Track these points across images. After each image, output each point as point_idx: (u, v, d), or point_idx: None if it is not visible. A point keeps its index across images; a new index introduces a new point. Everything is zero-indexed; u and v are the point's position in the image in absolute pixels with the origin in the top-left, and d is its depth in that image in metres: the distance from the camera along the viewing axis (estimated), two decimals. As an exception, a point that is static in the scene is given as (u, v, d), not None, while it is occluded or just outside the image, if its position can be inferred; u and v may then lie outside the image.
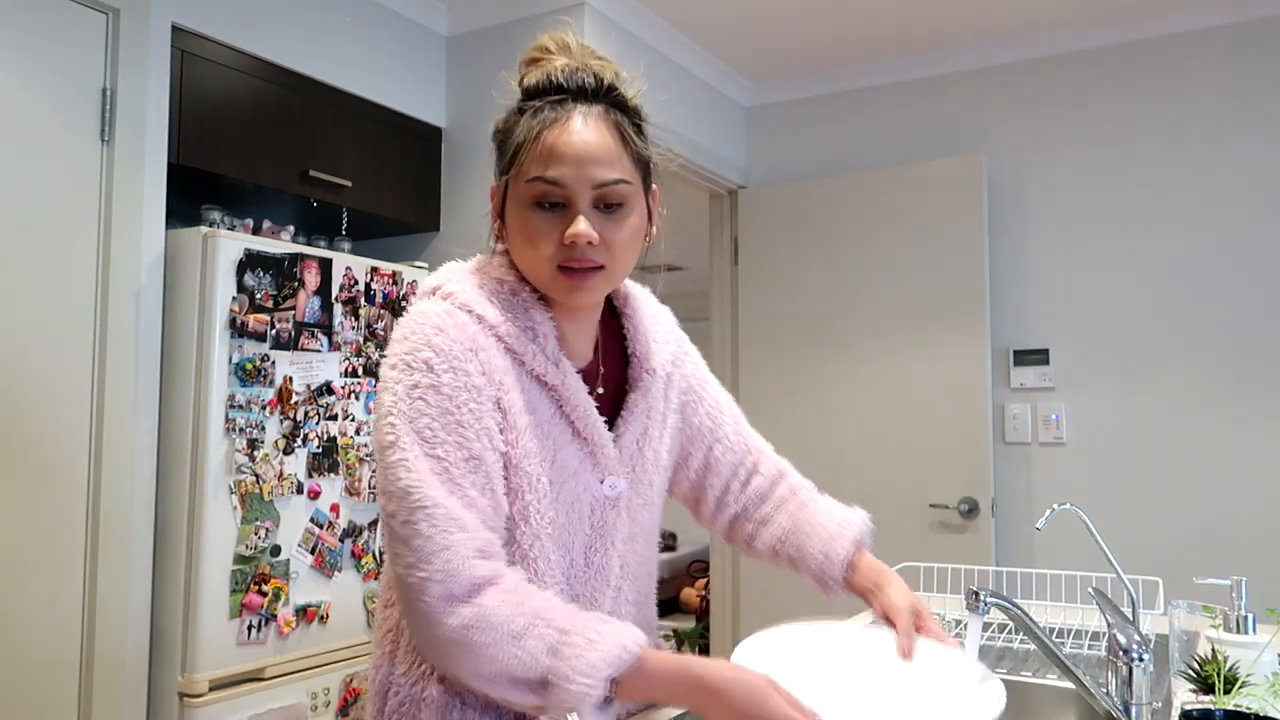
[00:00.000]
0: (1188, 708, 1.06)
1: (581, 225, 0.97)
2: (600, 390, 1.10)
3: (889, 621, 1.12)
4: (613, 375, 1.13)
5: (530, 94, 1.03)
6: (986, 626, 1.75)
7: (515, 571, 0.96)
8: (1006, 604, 1.09)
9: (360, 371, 2.48)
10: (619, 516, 1.09)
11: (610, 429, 1.09)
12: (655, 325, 1.19)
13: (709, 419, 1.26)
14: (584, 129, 0.99)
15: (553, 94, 1.01)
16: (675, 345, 1.22)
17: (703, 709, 0.90)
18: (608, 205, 1.00)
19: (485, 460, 0.96)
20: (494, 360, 0.99)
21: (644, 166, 1.05)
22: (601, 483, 1.07)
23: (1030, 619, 1.12)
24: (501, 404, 0.99)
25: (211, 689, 2.13)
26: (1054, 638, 1.51)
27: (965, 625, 1.72)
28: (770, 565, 1.31)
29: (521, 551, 1.01)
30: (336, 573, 2.41)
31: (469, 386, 0.97)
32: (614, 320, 1.17)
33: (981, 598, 1.06)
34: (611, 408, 1.11)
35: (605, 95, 1.02)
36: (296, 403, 2.31)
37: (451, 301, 1.01)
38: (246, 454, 2.20)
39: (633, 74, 1.06)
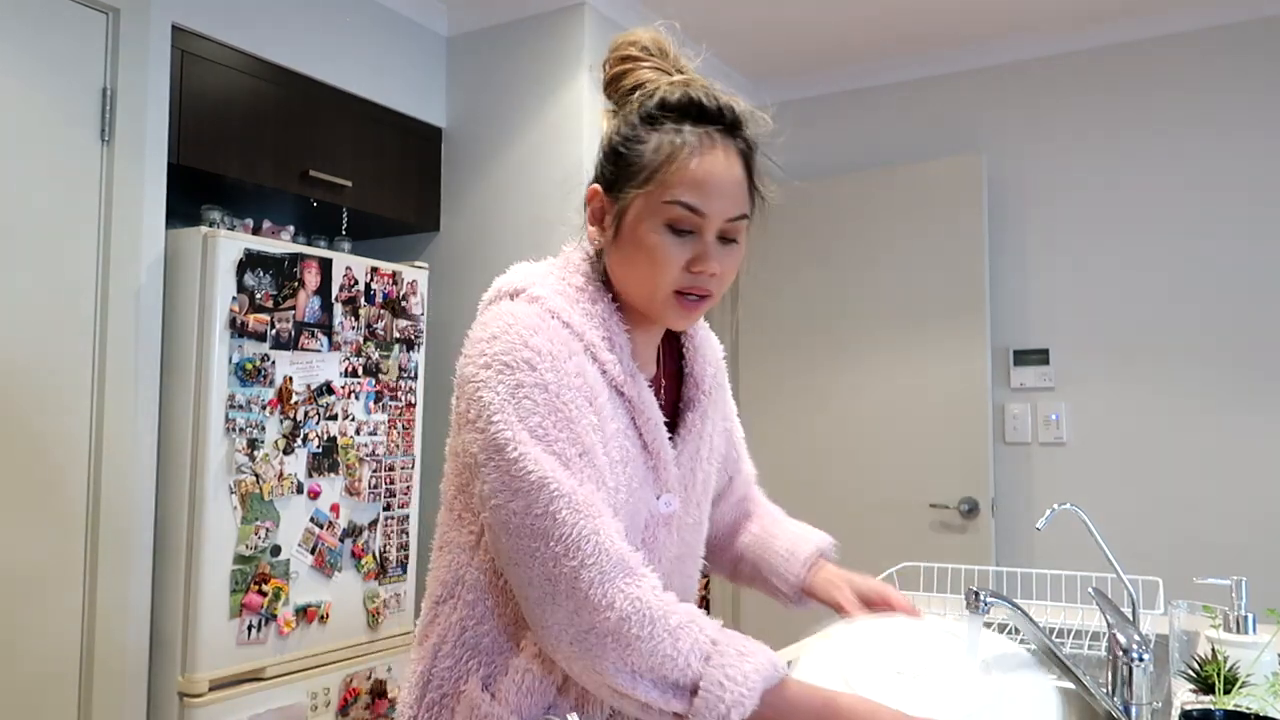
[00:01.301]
0: (1188, 708, 1.06)
1: (713, 258, 0.99)
2: (662, 400, 1.11)
3: (869, 606, 1.17)
4: (668, 391, 1.15)
5: (668, 110, 1.01)
6: (986, 626, 1.74)
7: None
8: (1006, 604, 1.09)
9: (360, 371, 2.48)
10: (669, 535, 1.08)
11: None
12: (710, 350, 1.20)
13: (734, 450, 1.31)
14: (728, 164, 1.00)
15: (693, 116, 1.01)
16: (723, 371, 1.25)
17: None
18: (726, 238, 1.01)
19: (595, 454, 0.96)
20: (585, 367, 0.99)
21: (754, 201, 1.06)
22: (658, 498, 1.06)
23: (1030, 619, 1.12)
24: (594, 407, 0.98)
25: (211, 689, 2.13)
26: (1054, 638, 1.51)
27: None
28: (729, 579, 1.37)
29: None
30: (336, 573, 2.41)
31: (572, 385, 0.96)
32: (672, 337, 1.17)
33: (981, 598, 1.06)
34: (668, 425, 1.10)
35: (737, 128, 1.03)
36: (296, 403, 2.31)
37: (540, 305, 1.00)
38: (246, 454, 2.20)
39: (759, 110, 1.06)
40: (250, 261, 2.22)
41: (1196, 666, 1.24)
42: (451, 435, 1.02)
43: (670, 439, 1.07)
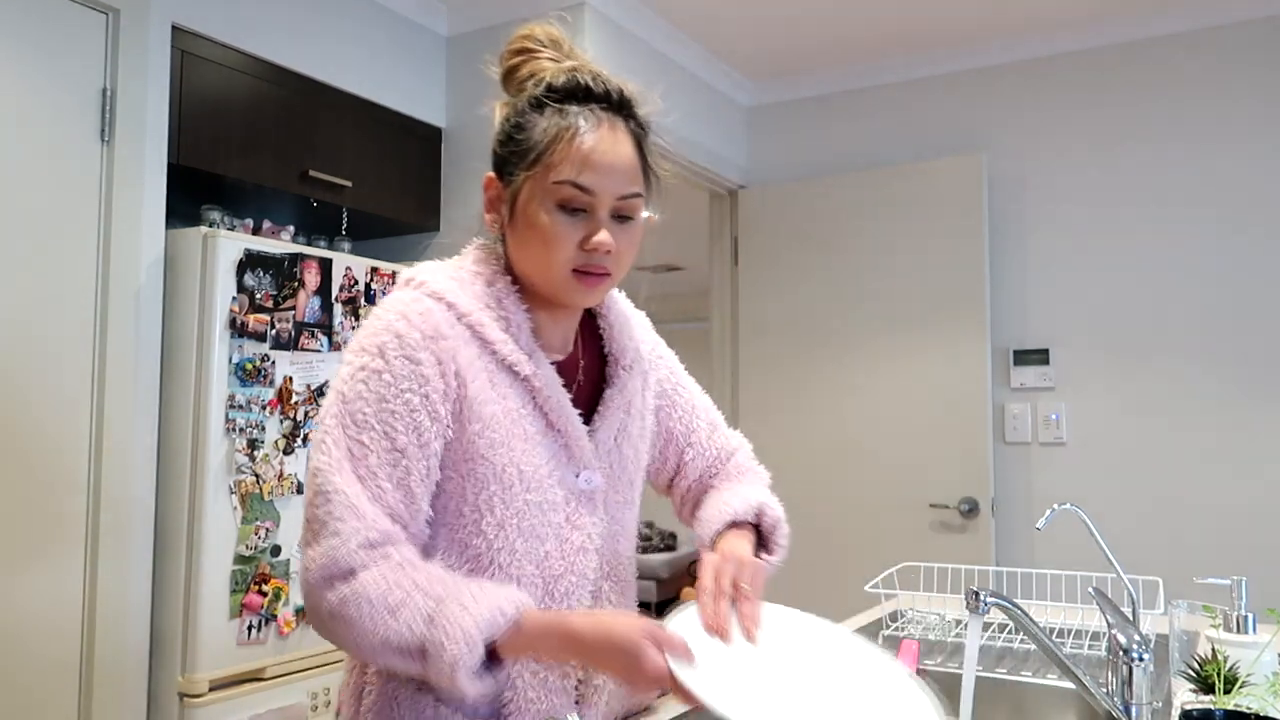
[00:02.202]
0: (1188, 708, 1.06)
1: (605, 235, 1.00)
2: (580, 380, 1.12)
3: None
4: (591, 372, 1.14)
5: (553, 92, 1.03)
6: (986, 626, 1.75)
7: (406, 548, 0.96)
8: (1006, 604, 1.09)
9: (360, 371, 2.48)
10: (595, 511, 1.09)
11: (587, 424, 1.09)
12: (632, 326, 1.20)
13: (682, 424, 1.26)
14: (616, 141, 1.01)
15: (579, 97, 1.02)
16: (650, 346, 1.23)
17: (582, 661, 0.96)
18: (622, 216, 1.03)
19: (408, 454, 0.97)
20: (459, 350, 0.99)
21: (649, 181, 1.07)
22: (577, 476, 1.07)
23: (1030, 619, 1.12)
24: (464, 394, 0.99)
25: (211, 689, 2.13)
26: (1054, 638, 1.51)
27: (965, 625, 1.72)
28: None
29: (487, 541, 1.02)
30: (336, 573, 2.40)
31: (415, 376, 0.97)
32: (591, 319, 1.18)
33: (981, 598, 1.06)
34: (590, 403, 1.12)
35: (627, 108, 1.05)
36: (296, 403, 2.31)
37: (422, 290, 1.02)
38: (246, 454, 2.20)
39: (645, 90, 1.09)
40: (250, 261, 2.22)
41: (1196, 666, 1.24)
42: None
43: (588, 415, 1.09)
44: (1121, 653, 1.17)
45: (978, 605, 1.06)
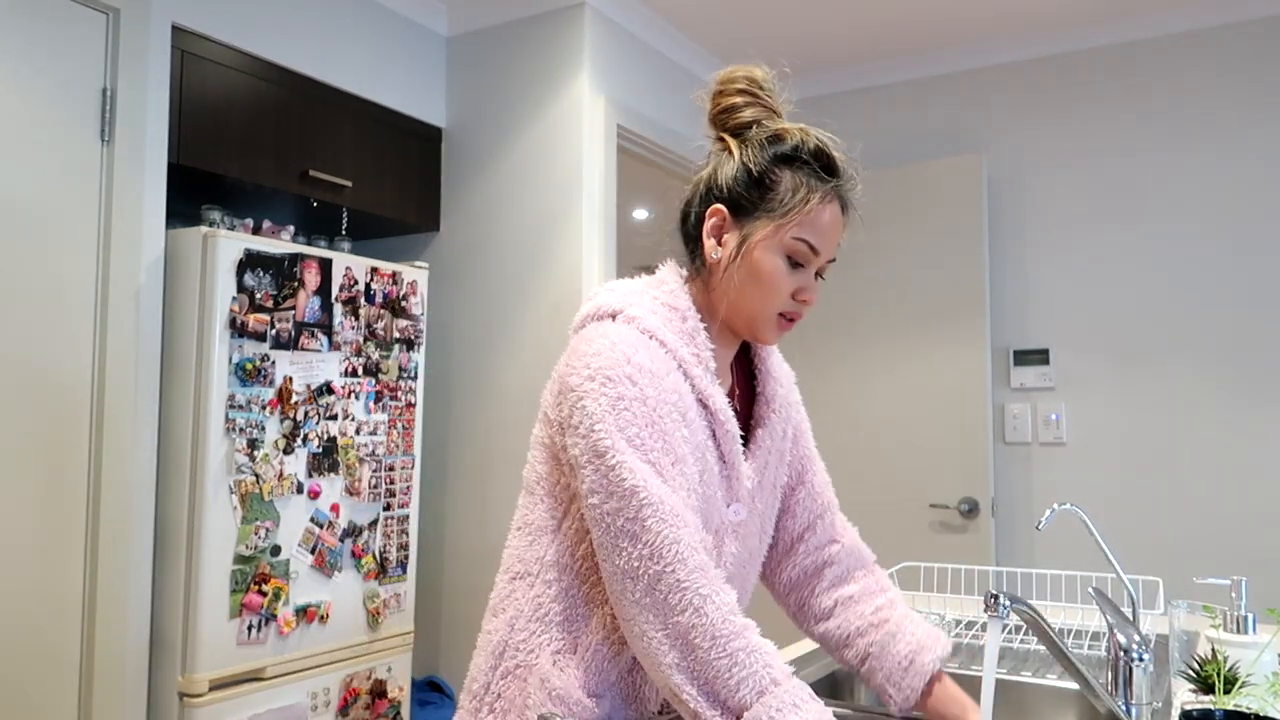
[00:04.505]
0: (1188, 708, 1.06)
1: (816, 290, 1.15)
2: (735, 410, 1.19)
3: None
4: (741, 405, 1.23)
5: (800, 154, 1.15)
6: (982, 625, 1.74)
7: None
8: (1025, 608, 1.09)
9: (360, 371, 2.48)
10: (734, 541, 1.16)
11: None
12: (783, 373, 1.30)
13: (799, 463, 1.35)
14: (840, 217, 1.17)
15: (823, 165, 1.16)
16: (795, 392, 1.33)
17: None
18: (819, 273, 1.17)
19: (687, 463, 1.05)
20: (679, 383, 1.08)
21: None
22: (728, 507, 1.14)
23: (1046, 623, 1.12)
24: (685, 420, 1.08)
25: (211, 689, 2.13)
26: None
27: (965, 625, 1.73)
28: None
29: None
30: (336, 573, 2.41)
31: (667, 401, 1.05)
32: (744, 354, 1.27)
33: (1001, 601, 1.05)
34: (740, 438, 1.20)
35: (851, 191, 1.19)
36: (296, 403, 2.31)
37: (636, 326, 1.10)
38: (246, 454, 2.20)
39: (856, 163, 1.21)
40: (250, 261, 2.22)
41: (1196, 666, 1.24)
42: (539, 428, 1.13)
43: (742, 452, 1.16)
44: (1121, 653, 1.17)
45: (997, 609, 1.05)
